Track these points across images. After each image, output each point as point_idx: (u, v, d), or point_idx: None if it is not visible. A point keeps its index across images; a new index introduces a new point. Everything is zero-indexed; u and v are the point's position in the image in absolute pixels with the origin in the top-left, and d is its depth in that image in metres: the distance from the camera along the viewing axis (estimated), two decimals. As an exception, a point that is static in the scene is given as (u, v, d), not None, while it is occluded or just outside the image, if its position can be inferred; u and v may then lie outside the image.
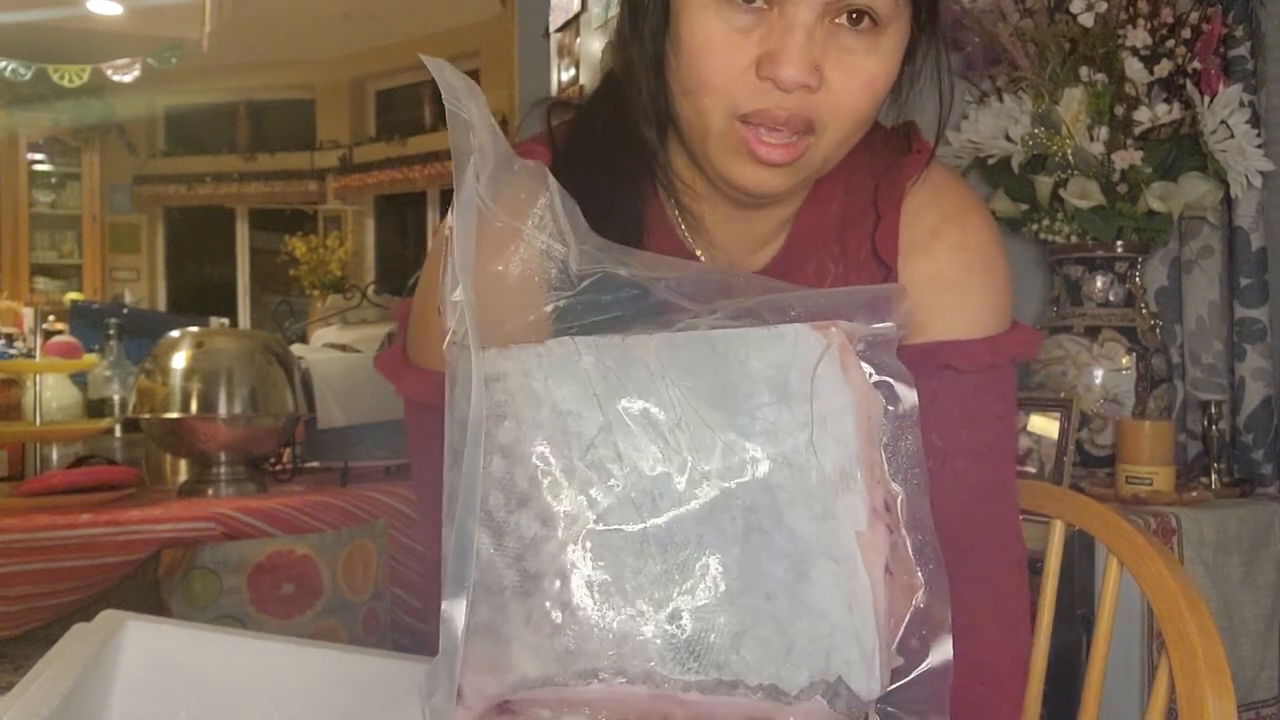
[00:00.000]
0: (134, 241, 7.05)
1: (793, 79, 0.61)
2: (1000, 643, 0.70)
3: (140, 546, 1.58)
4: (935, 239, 0.75)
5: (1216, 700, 0.83)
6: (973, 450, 0.73)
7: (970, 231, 0.76)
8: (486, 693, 0.48)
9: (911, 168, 0.76)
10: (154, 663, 0.88)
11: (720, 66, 0.63)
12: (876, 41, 0.64)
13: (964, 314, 0.74)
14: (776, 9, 0.62)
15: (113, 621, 0.88)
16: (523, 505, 0.48)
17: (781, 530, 0.49)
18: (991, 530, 0.74)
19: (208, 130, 7.19)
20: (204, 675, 0.88)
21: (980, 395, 0.73)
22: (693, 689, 0.48)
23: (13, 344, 3.16)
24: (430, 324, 0.72)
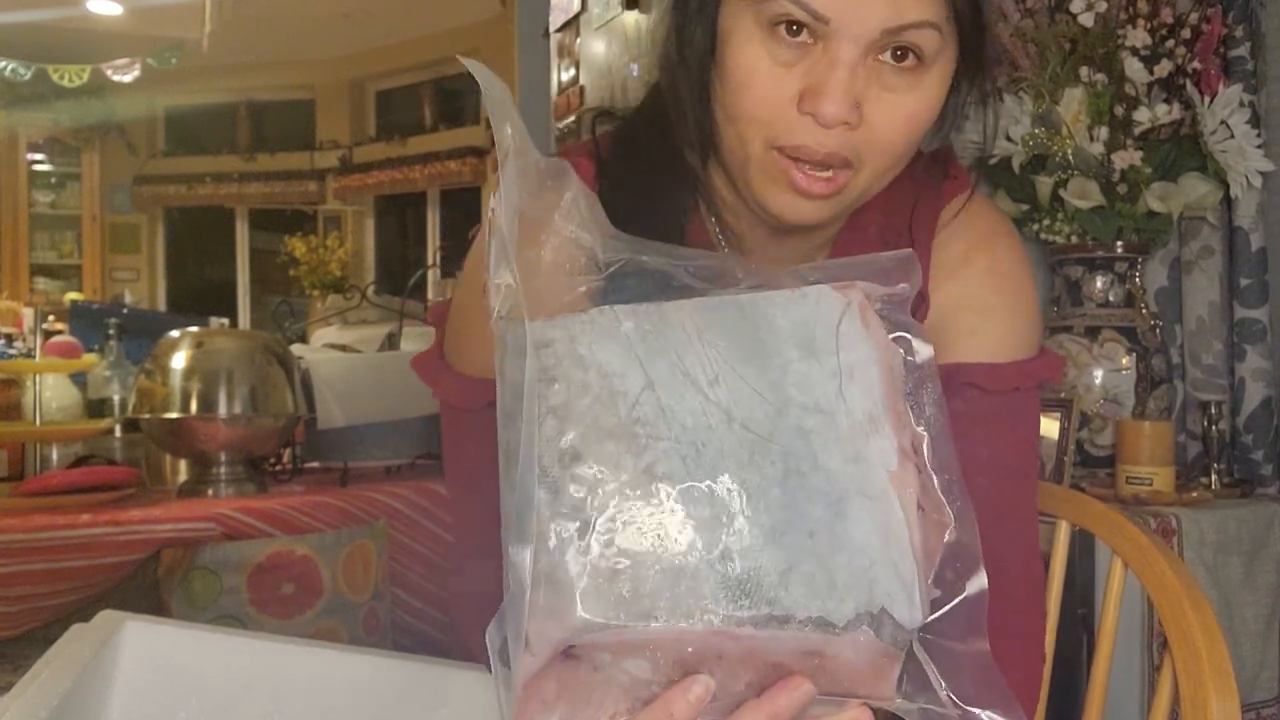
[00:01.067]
0: (134, 242, 7.05)
1: (833, 116, 0.61)
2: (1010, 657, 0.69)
3: (140, 547, 1.58)
4: (966, 263, 0.76)
5: (1220, 701, 0.83)
6: (995, 469, 0.73)
7: (1000, 257, 0.77)
8: (551, 638, 0.50)
9: (949, 194, 0.77)
10: (153, 663, 0.88)
11: (762, 98, 0.63)
12: (920, 79, 0.64)
13: (991, 338, 0.75)
14: (821, 44, 0.62)
15: (111, 622, 0.88)
16: (576, 461, 0.51)
17: (818, 472, 0.53)
18: (1010, 548, 0.74)
19: (208, 130, 7.19)
20: (203, 675, 0.88)
21: (1005, 417, 0.74)
22: (746, 624, 0.50)
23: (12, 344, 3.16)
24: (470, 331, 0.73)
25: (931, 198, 0.76)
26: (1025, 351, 0.76)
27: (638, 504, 0.51)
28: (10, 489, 1.77)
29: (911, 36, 0.62)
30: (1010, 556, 0.74)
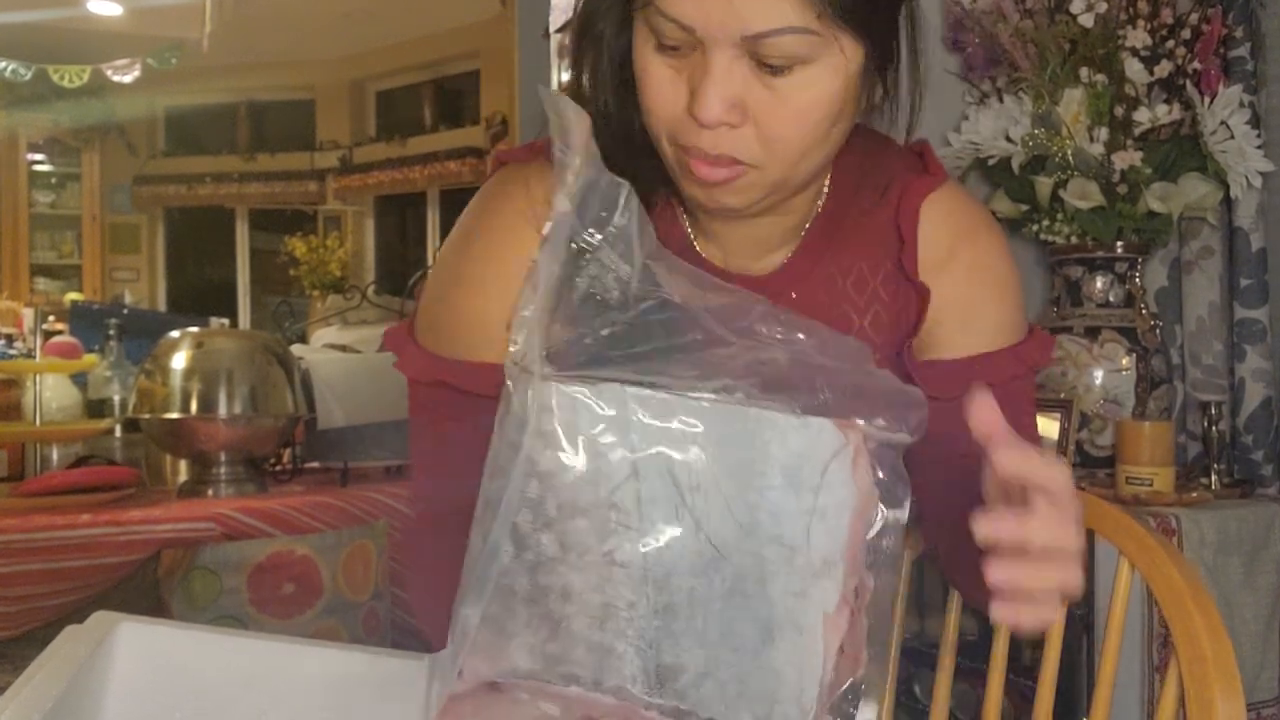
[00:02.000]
0: (134, 242, 7.05)
1: (709, 119, 0.64)
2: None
3: (140, 547, 1.58)
4: (952, 258, 0.78)
5: (1225, 702, 0.83)
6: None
7: (983, 250, 0.80)
8: (481, 673, 0.57)
9: (928, 186, 0.79)
10: (148, 664, 0.88)
11: (661, 101, 0.67)
12: (802, 77, 0.65)
13: (985, 331, 0.78)
14: (698, 52, 0.64)
15: (106, 623, 0.88)
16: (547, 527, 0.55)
17: (762, 598, 0.57)
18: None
19: (208, 131, 7.19)
20: (199, 676, 0.88)
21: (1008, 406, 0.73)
22: (653, 709, 0.56)
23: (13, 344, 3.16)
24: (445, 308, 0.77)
25: (912, 190, 0.78)
26: (1017, 336, 0.80)
27: (590, 580, 0.56)
28: (10, 489, 1.77)
29: (773, 42, 0.63)
30: None
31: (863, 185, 0.77)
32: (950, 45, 1.89)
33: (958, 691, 1.62)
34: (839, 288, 0.78)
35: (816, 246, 0.78)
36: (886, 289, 0.78)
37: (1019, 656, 1.59)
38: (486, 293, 0.75)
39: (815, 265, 0.78)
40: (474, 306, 0.75)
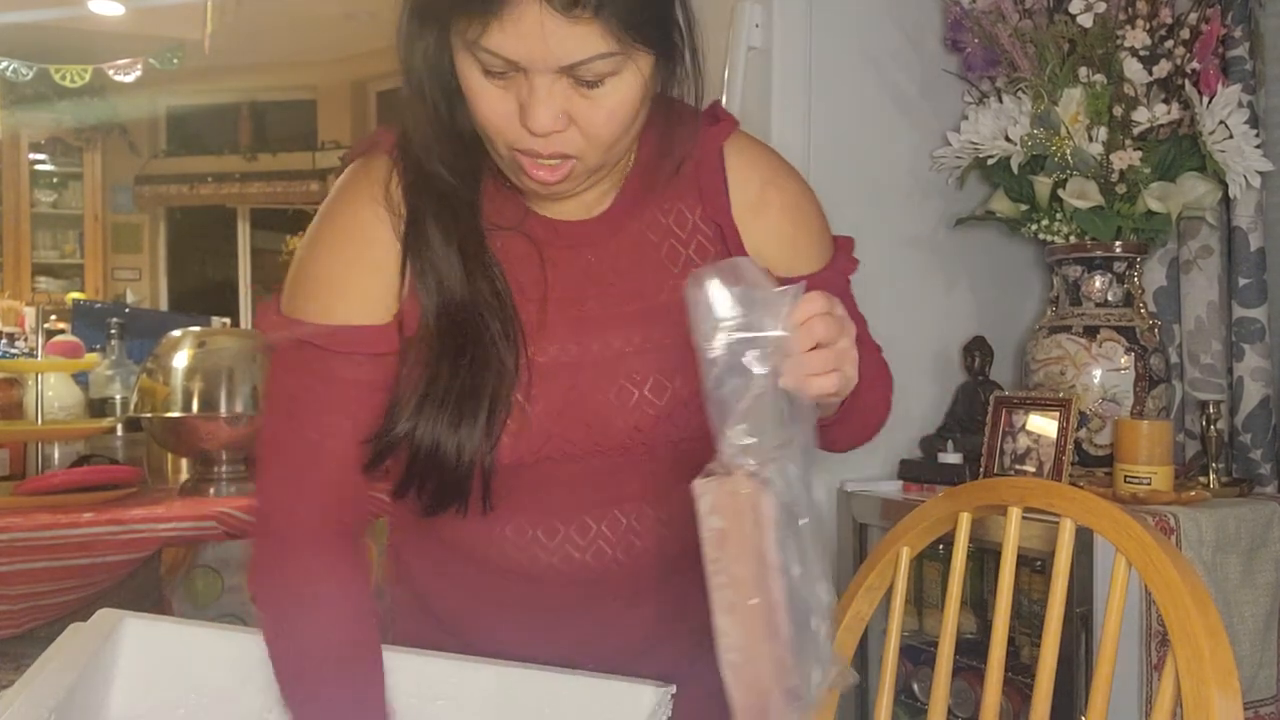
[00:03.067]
0: (136, 241, 7.04)
1: (541, 128, 0.77)
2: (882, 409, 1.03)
3: (142, 545, 1.59)
4: (764, 203, 0.93)
5: (1223, 700, 0.83)
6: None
7: (790, 192, 0.95)
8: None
9: (722, 133, 0.93)
10: (152, 659, 0.88)
11: (495, 117, 0.79)
12: (612, 84, 0.78)
13: (807, 256, 0.95)
14: (523, 74, 0.76)
15: (110, 619, 0.89)
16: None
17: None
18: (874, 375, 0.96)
19: (209, 130, 7.18)
20: (202, 671, 0.89)
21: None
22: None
23: (15, 343, 3.17)
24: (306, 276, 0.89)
25: (709, 136, 0.92)
26: (830, 250, 0.98)
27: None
28: (12, 488, 1.78)
29: (586, 66, 0.76)
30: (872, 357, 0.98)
31: (670, 141, 0.89)
32: (950, 45, 1.89)
33: (956, 689, 1.62)
34: (663, 225, 0.91)
35: (635, 195, 0.91)
36: (707, 224, 0.92)
37: (1017, 654, 1.59)
38: (342, 257, 0.88)
39: (637, 209, 0.91)
40: (330, 273, 0.88)
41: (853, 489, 1.84)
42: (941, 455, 1.82)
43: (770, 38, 1.84)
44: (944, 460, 1.81)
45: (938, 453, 1.83)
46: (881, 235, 1.94)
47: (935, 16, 1.95)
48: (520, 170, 0.83)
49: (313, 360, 0.87)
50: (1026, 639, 1.59)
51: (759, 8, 1.83)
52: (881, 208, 1.94)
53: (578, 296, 0.89)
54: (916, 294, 1.98)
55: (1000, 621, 1.06)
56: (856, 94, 1.92)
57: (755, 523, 0.66)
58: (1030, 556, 1.53)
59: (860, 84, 1.92)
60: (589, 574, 0.91)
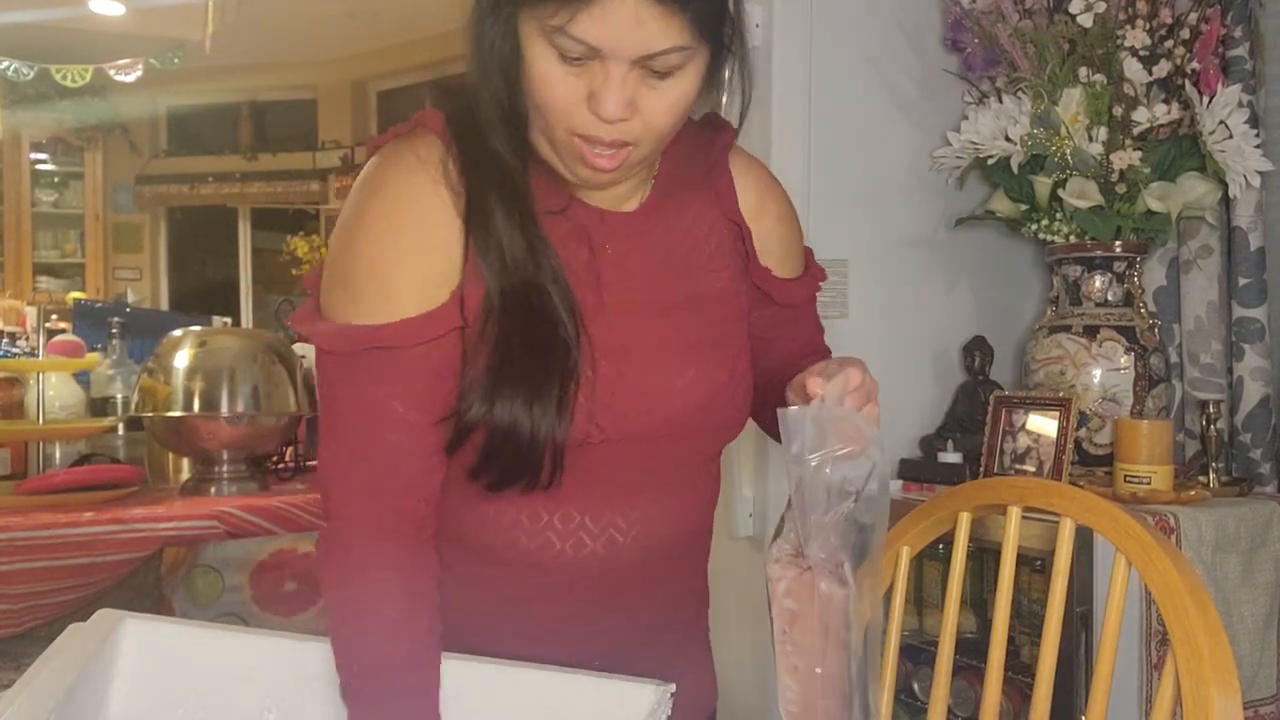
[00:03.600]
0: (136, 241, 7.04)
1: (612, 115, 0.81)
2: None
3: (143, 544, 1.59)
4: (764, 210, 1.00)
5: (1222, 700, 0.83)
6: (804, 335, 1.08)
7: (780, 200, 1.02)
8: None
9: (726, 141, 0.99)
10: (151, 659, 0.88)
11: (560, 97, 0.82)
12: (677, 78, 0.82)
13: (794, 262, 1.03)
14: (598, 61, 0.79)
15: (110, 620, 0.89)
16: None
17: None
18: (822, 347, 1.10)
19: (210, 130, 7.18)
20: (201, 671, 0.89)
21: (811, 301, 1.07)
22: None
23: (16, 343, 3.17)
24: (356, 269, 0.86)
25: (718, 145, 0.99)
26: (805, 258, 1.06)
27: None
28: (13, 487, 1.78)
29: (662, 59, 0.80)
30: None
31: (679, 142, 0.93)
32: (950, 45, 1.89)
33: (956, 689, 1.62)
34: (687, 221, 0.97)
35: (664, 193, 0.96)
36: (721, 223, 0.98)
37: (1017, 654, 1.59)
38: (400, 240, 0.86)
39: (665, 205, 0.96)
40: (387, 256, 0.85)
41: (853, 488, 1.84)
42: (941, 455, 1.82)
43: (770, 38, 1.84)
44: (944, 460, 1.81)
45: (937, 452, 1.83)
46: (881, 235, 1.95)
47: (935, 16, 1.95)
48: (579, 157, 0.85)
49: (379, 361, 0.85)
50: (1026, 638, 1.59)
51: (759, 8, 1.83)
52: (881, 208, 1.94)
53: (624, 284, 0.92)
54: (916, 294, 1.98)
55: (1000, 621, 1.06)
56: (856, 94, 1.92)
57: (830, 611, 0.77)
58: (1030, 556, 1.53)
59: (860, 84, 1.92)
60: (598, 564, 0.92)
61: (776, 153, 1.84)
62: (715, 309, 0.95)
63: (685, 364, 0.92)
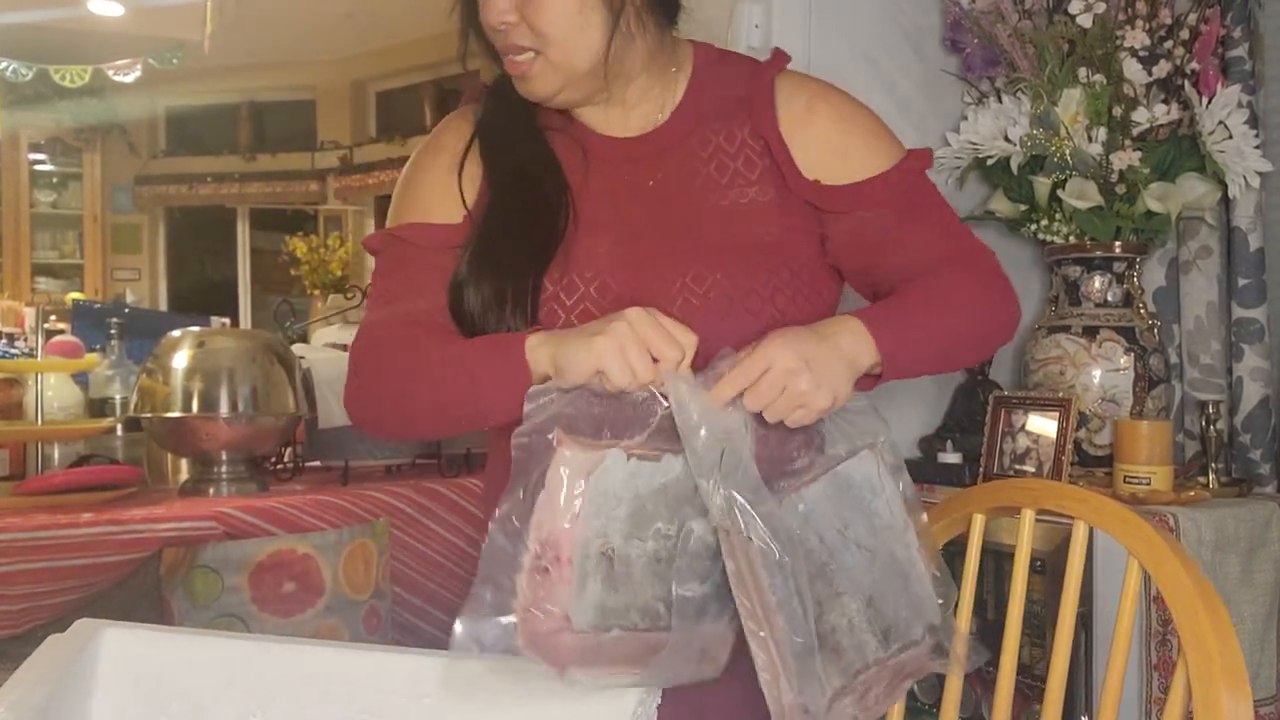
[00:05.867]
0: (135, 241, 7.04)
1: (491, 20, 0.95)
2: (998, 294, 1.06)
3: (141, 545, 1.59)
4: (812, 113, 1.01)
5: (1233, 702, 0.83)
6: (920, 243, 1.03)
7: (836, 104, 1.04)
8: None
9: (776, 68, 1.04)
10: (132, 669, 0.87)
11: (484, 24, 0.98)
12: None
13: (860, 161, 1.01)
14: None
15: (88, 630, 0.87)
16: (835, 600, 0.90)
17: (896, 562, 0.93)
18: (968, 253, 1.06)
19: (209, 131, 7.18)
20: (183, 679, 0.88)
21: (909, 209, 1.02)
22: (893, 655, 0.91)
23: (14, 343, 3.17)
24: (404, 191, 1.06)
25: (763, 69, 1.04)
26: (895, 157, 1.03)
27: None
28: (12, 488, 1.78)
29: None
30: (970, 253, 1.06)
31: (723, 74, 1.03)
32: (949, 46, 1.89)
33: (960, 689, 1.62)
34: (713, 143, 1.01)
35: (688, 115, 1.02)
36: (755, 140, 1.01)
37: (1017, 654, 1.59)
38: (421, 163, 1.06)
39: (686, 132, 1.02)
40: (411, 178, 1.06)
41: (852, 489, 1.84)
42: (941, 455, 1.82)
43: (770, 38, 1.84)
44: (943, 460, 1.81)
45: (937, 453, 1.83)
46: (881, 235, 1.94)
47: (935, 17, 1.95)
48: (509, 73, 0.99)
49: (401, 254, 1.02)
50: (1026, 638, 1.59)
51: (759, 8, 1.83)
52: (881, 208, 1.94)
53: (622, 197, 1.00)
54: (916, 294, 1.98)
55: (1013, 624, 1.06)
56: (856, 94, 1.91)
57: (752, 571, 0.76)
58: (1031, 557, 1.53)
59: (860, 84, 1.91)
60: None
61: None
62: (739, 222, 0.98)
63: (685, 266, 0.96)
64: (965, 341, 1.03)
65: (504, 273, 0.96)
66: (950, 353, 1.03)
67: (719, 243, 0.96)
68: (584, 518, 0.79)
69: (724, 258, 0.96)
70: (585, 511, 0.78)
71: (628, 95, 1.02)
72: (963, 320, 1.01)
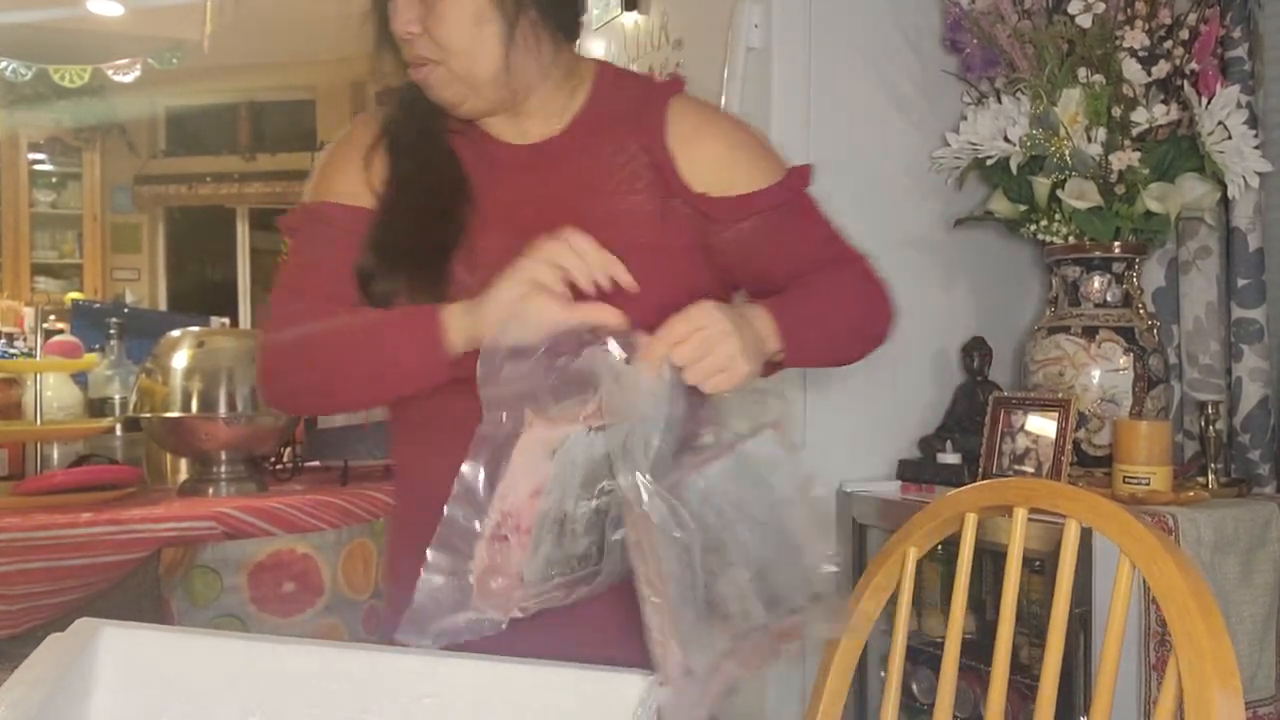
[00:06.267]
0: (135, 241, 7.03)
1: (397, 29, 1.00)
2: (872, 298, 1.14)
3: (141, 545, 1.59)
4: (699, 133, 1.06)
5: (1224, 701, 0.83)
6: (803, 249, 1.10)
7: (723, 124, 1.11)
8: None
9: (672, 91, 1.09)
10: (132, 669, 0.87)
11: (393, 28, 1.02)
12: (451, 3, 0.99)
13: (747, 176, 1.06)
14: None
15: (88, 629, 0.87)
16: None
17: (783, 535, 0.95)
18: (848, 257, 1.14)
19: (208, 130, 7.17)
20: (183, 678, 0.88)
21: (791, 219, 1.09)
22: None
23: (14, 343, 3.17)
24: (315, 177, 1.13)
25: (657, 94, 1.09)
26: (779, 174, 1.09)
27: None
28: (11, 488, 1.78)
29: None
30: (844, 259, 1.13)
31: (621, 92, 1.08)
32: (949, 46, 1.89)
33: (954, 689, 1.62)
34: (605, 154, 1.06)
35: (582, 127, 1.08)
36: (644, 153, 1.05)
37: (1016, 654, 1.59)
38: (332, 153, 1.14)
39: (580, 144, 1.07)
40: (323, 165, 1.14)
41: (851, 489, 1.84)
42: (940, 455, 1.82)
43: (770, 38, 1.84)
44: (943, 460, 1.81)
45: (936, 453, 1.83)
46: (881, 235, 1.92)
47: (935, 17, 1.95)
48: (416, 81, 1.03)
49: (316, 232, 1.10)
50: (1024, 639, 1.59)
51: (758, 8, 1.83)
52: (881, 208, 1.94)
53: (516, 200, 1.05)
54: (916, 294, 1.97)
55: (1006, 623, 1.06)
56: (856, 94, 1.92)
57: (650, 542, 0.81)
58: (1029, 557, 1.53)
59: (860, 84, 1.92)
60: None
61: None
62: (620, 226, 1.03)
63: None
64: (852, 335, 1.12)
65: (408, 263, 1.02)
66: (839, 346, 1.12)
67: (601, 242, 1.00)
68: (546, 491, 0.85)
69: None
70: (549, 486, 0.84)
71: (528, 106, 1.08)
72: (850, 315, 1.10)
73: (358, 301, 1.04)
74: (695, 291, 1.01)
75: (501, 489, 0.84)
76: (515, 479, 0.84)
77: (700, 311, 0.90)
